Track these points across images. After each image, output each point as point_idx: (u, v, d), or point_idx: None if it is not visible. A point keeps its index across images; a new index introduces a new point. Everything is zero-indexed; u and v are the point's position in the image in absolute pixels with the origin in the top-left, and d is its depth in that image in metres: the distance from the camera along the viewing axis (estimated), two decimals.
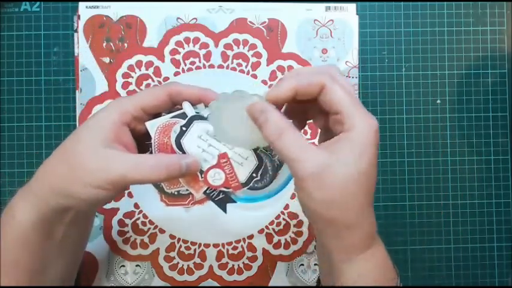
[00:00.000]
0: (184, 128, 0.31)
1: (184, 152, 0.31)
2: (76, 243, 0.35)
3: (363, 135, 0.27)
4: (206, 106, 0.32)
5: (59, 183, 0.29)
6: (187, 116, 0.31)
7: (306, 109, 0.32)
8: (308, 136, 0.46)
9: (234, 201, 0.33)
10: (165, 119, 0.31)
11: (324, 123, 0.31)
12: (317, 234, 0.31)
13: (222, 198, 0.33)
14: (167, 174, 0.29)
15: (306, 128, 0.46)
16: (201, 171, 0.31)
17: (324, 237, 0.29)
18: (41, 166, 0.30)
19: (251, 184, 0.32)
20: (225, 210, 0.33)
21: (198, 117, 0.31)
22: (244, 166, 0.32)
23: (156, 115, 0.32)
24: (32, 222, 0.29)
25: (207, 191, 0.32)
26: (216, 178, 0.32)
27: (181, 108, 0.32)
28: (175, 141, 0.31)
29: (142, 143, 0.32)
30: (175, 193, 0.32)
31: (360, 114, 0.27)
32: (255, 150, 0.32)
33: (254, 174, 0.32)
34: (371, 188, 0.27)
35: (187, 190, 0.32)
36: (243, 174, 0.32)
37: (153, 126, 0.31)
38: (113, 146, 0.29)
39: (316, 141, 0.45)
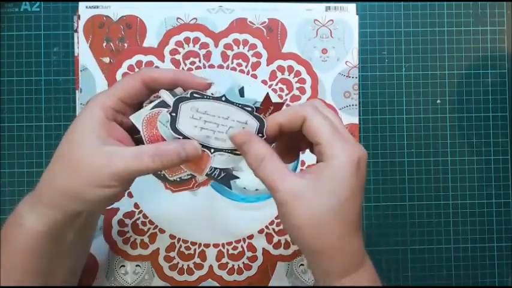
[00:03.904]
0: (173, 114, 0.30)
1: (184, 136, 0.31)
2: (83, 244, 0.35)
3: (342, 166, 0.27)
4: (185, 90, 0.32)
5: (70, 188, 0.29)
6: (167, 104, 0.31)
7: (297, 141, 0.32)
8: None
9: (237, 177, 0.33)
10: (146, 111, 0.31)
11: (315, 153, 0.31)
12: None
13: (224, 177, 0.32)
14: (168, 161, 0.29)
15: None
16: (209, 148, 0.31)
17: (305, 259, 0.30)
18: (44, 174, 0.30)
19: None
20: (229, 186, 0.34)
21: (181, 99, 0.31)
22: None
23: (138, 104, 0.32)
24: (42, 231, 0.29)
25: (209, 173, 0.32)
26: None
27: (159, 96, 0.31)
28: (172, 128, 0.30)
29: (132, 135, 0.32)
30: (178, 179, 0.32)
31: (341, 144, 0.27)
32: (251, 112, 0.31)
33: (260, 135, 0.31)
34: (352, 217, 0.28)
35: (189, 175, 0.31)
36: None
37: (138, 119, 0.31)
38: (109, 142, 0.29)
39: None
